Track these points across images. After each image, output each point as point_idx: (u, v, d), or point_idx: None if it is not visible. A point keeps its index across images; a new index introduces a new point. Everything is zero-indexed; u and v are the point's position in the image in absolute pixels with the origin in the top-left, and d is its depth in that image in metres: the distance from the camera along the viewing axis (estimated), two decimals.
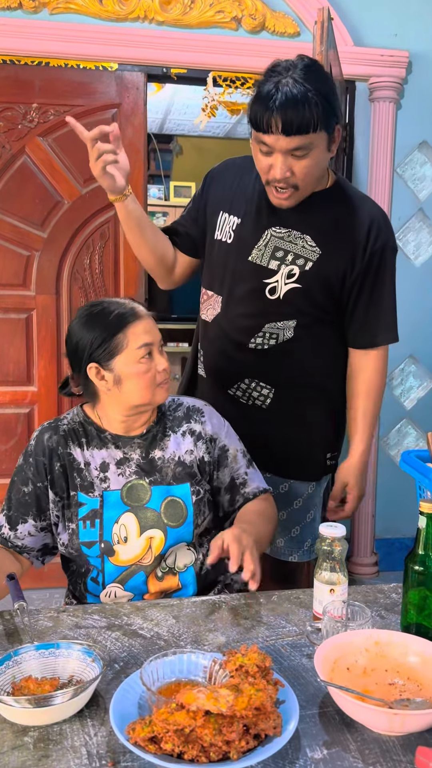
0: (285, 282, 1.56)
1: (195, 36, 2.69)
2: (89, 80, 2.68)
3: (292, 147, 1.39)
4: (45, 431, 1.36)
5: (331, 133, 1.44)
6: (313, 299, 1.57)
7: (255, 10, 2.71)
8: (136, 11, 2.64)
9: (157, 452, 1.37)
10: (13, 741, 0.88)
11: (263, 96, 1.37)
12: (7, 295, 2.73)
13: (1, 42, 2.56)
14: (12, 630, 1.15)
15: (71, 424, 1.37)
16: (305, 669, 1.05)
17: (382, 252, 1.57)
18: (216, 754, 0.82)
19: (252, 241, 1.57)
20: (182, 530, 1.35)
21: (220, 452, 1.43)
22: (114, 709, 0.89)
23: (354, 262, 1.55)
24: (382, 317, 1.61)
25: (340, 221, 1.56)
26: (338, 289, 1.58)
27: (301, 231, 1.55)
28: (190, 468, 1.38)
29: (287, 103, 1.34)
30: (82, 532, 1.32)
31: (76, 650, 1.01)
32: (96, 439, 1.36)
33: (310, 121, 1.36)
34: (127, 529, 1.32)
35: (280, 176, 1.43)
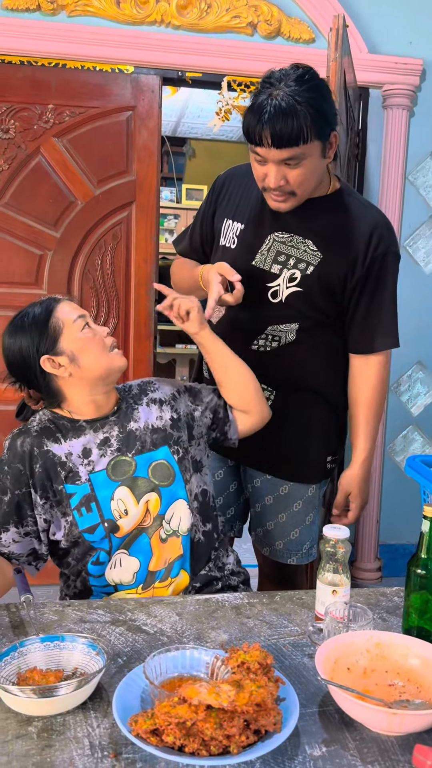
0: (287, 285, 1.58)
1: (211, 40, 2.71)
2: (105, 82, 2.70)
3: (284, 158, 1.42)
4: (16, 437, 1.37)
5: (326, 141, 1.46)
6: (315, 303, 1.59)
7: (271, 15, 2.73)
8: (153, 15, 2.66)
9: (132, 424, 1.41)
10: (17, 730, 0.89)
11: (255, 108, 1.39)
12: (19, 294, 2.76)
13: (19, 43, 2.59)
14: (18, 622, 1.16)
15: (41, 424, 1.38)
16: (306, 668, 1.06)
17: (384, 257, 1.58)
18: (216, 748, 0.83)
19: (255, 246, 1.60)
20: (174, 488, 1.39)
21: (188, 393, 1.52)
22: (117, 702, 0.90)
23: (355, 267, 1.57)
24: (382, 322, 1.62)
25: (341, 226, 1.58)
26: (339, 293, 1.59)
27: (302, 236, 1.57)
28: (164, 431, 1.43)
29: (276, 116, 1.36)
30: (79, 521, 1.33)
31: (80, 643, 1.03)
32: (71, 430, 1.38)
33: (299, 133, 1.38)
34: (124, 502, 1.35)
35: (274, 185, 1.46)
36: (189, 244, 1.80)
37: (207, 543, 1.44)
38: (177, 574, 1.38)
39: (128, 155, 2.75)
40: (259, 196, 1.59)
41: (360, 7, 2.79)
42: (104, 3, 2.63)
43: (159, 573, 1.36)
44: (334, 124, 1.47)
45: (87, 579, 1.36)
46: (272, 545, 1.73)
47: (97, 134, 2.72)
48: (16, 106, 2.66)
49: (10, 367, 1.39)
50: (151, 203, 2.80)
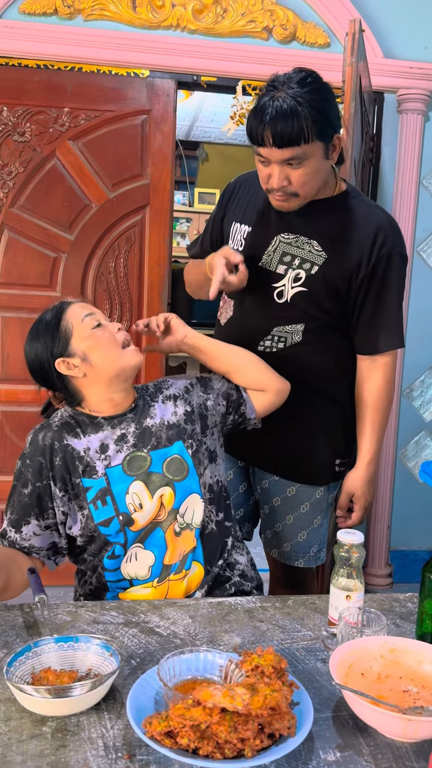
0: (292, 286, 1.60)
1: (226, 45, 2.72)
2: (120, 86, 2.72)
3: (286, 158, 1.44)
4: (38, 432, 1.40)
5: (328, 142, 1.48)
6: (320, 303, 1.60)
7: (286, 20, 2.74)
8: (169, 19, 2.68)
9: (149, 420, 1.43)
10: (32, 730, 0.90)
11: (258, 110, 1.42)
12: (33, 296, 2.77)
13: (35, 47, 2.61)
14: (32, 622, 1.17)
15: (62, 419, 1.42)
16: (320, 673, 1.06)
17: (389, 258, 1.58)
18: (231, 751, 0.83)
19: (262, 248, 1.62)
20: (188, 482, 1.39)
21: (200, 383, 1.52)
22: (131, 703, 0.91)
23: (360, 267, 1.57)
24: (387, 323, 1.62)
25: (346, 227, 1.59)
26: (344, 293, 1.60)
27: (308, 236, 1.59)
28: (179, 426, 1.44)
29: (277, 117, 1.39)
30: (95, 513, 1.34)
31: (94, 644, 1.03)
32: (90, 425, 1.40)
33: (300, 133, 1.40)
34: (139, 496, 1.36)
35: (277, 185, 1.48)
36: (200, 249, 1.83)
37: (219, 533, 1.44)
38: (190, 566, 1.39)
39: (143, 159, 2.77)
40: (265, 198, 1.60)
41: (376, 12, 2.79)
42: (120, 7, 2.64)
43: (174, 566, 1.37)
44: (338, 126, 1.50)
45: (102, 575, 1.37)
46: (280, 547, 1.73)
47: (112, 138, 2.73)
48: (32, 109, 2.68)
49: (32, 372, 1.44)
50: (164, 207, 2.81)
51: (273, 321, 1.63)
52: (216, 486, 1.46)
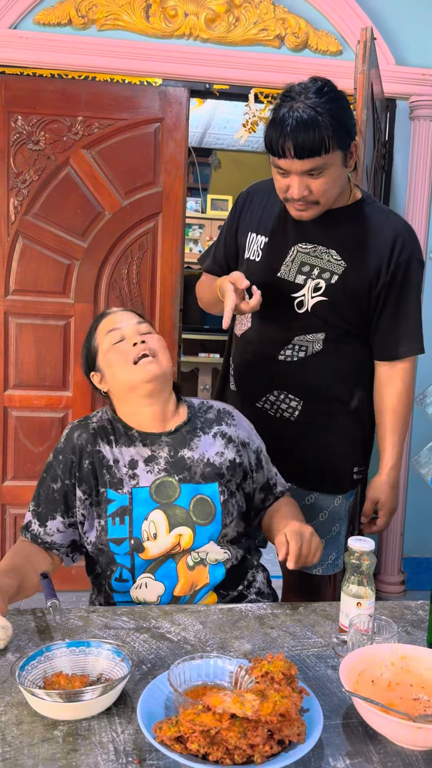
0: (312, 295, 1.60)
1: (238, 53, 2.74)
2: (133, 95, 2.74)
3: (307, 169, 1.44)
4: (75, 429, 1.41)
5: (347, 150, 1.48)
6: (341, 312, 1.60)
7: (298, 28, 2.75)
8: (182, 28, 2.70)
9: (186, 452, 1.39)
10: (43, 734, 0.90)
11: (277, 121, 1.42)
12: (47, 302, 2.80)
13: (50, 57, 2.64)
14: (44, 627, 1.18)
15: (100, 422, 1.42)
16: (330, 680, 1.06)
17: (408, 264, 1.59)
18: (240, 757, 0.83)
19: (280, 258, 1.62)
20: (211, 528, 1.36)
21: (256, 455, 1.48)
22: (141, 708, 0.91)
23: (379, 275, 1.58)
24: (408, 328, 1.63)
25: (364, 234, 1.59)
26: (365, 301, 1.60)
27: (326, 246, 1.59)
28: (219, 469, 1.40)
29: (298, 128, 1.39)
30: (111, 528, 1.33)
31: (106, 649, 1.04)
32: (124, 436, 1.39)
33: (321, 144, 1.40)
34: (156, 525, 1.34)
35: (298, 196, 1.48)
36: (213, 261, 1.81)
37: (239, 568, 1.42)
38: (202, 598, 1.36)
39: (155, 167, 2.79)
40: (282, 208, 1.60)
41: (387, 19, 2.80)
42: (134, 17, 2.67)
43: (183, 598, 1.35)
44: (354, 133, 1.50)
45: (111, 595, 1.37)
46: None
47: (125, 146, 2.76)
48: (46, 118, 2.71)
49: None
50: (177, 214, 2.83)
51: (294, 331, 1.63)
52: (239, 537, 1.43)
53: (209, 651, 1.12)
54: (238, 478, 1.44)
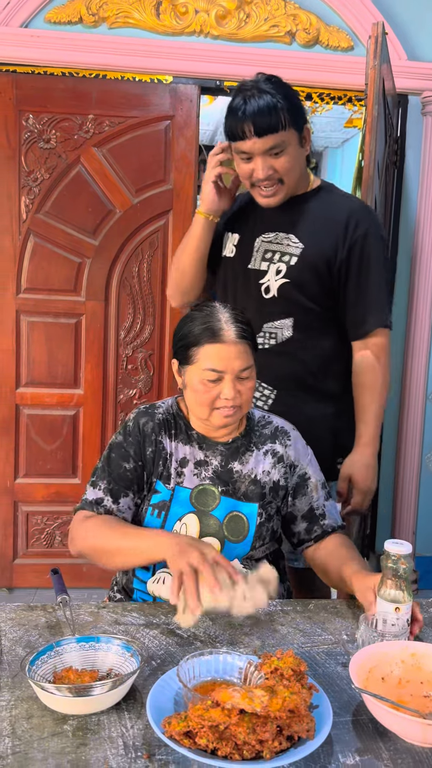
0: (275, 279, 1.66)
1: (249, 50, 2.73)
2: (144, 92, 2.74)
3: (268, 147, 1.56)
4: (142, 416, 1.40)
5: (301, 132, 1.61)
6: (305, 291, 1.66)
7: (309, 24, 2.74)
8: (192, 25, 2.70)
9: (236, 465, 1.39)
10: (53, 728, 0.91)
11: (234, 108, 1.56)
12: (58, 301, 2.81)
13: (61, 55, 2.65)
14: (54, 622, 1.18)
15: (165, 414, 1.41)
16: (340, 677, 1.06)
17: (364, 239, 1.65)
18: (249, 753, 0.83)
19: (249, 251, 1.71)
20: (240, 547, 1.36)
21: (299, 480, 1.43)
22: (151, 703, 0.91)
23: (336, 251, 1.65)
24: (372, 301, 1.67)
25: (321, 216, 1.68)
26: (327, 279, 1.66)
27: (285, 232, 1.68)
28: (263, 488, 1.39)
29: (255, 109, 1.53)
30: (148, 517, 1.35)
31: (115, 645, 1.04)
32: (184, 434, 1.40)
33: (277, 120, 1.54)
34: (188, 529, 1.35)
35: (263, 175, 1.59)
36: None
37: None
38: None
39: (166, 164, 2.79)
40: (249, 206, 1.72)
41: (399, 14, 2.78)
42: (144, 14, 2.67)
43: None
44: (305, 119, 1.64)
45: (132, 579, 1.38)
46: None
47: (135, 144, 2.76)
48: (57, 116, 2.71)
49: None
50: (187, 212, 2.82)
51: (263, 317, 1.67)
52: (267, 557, 1.42)
53: (219, 647, 1.12)
54: (279, 500, 1.42)
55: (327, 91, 2.82)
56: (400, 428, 3.03)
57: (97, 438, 2.90)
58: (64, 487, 2.90)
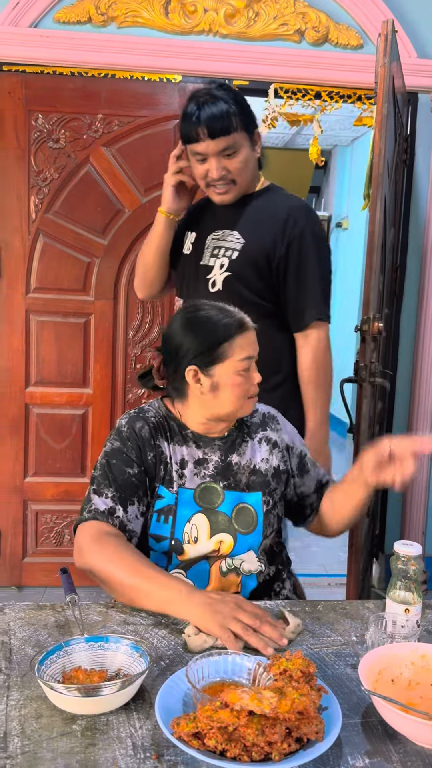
0: (219, 273, 1.77)
1: (258, 48, 2.72)
2: (153, 92, 2.74)
3: (221, 148, 1.67)
4: (135, 420, 1.36)
5: (252, 136, 1.73)
6: (247, 284, 1.75)
7: (318, 22, 2.73)
8: (201, 24, 2.69)
9: (235, 457, 1.40)
10: (62, 728, 0.91)
11: (188, 114, 1.67)
12: (67, 300, 2.82)
13: (70, 55, 2.65)
14: (63, 622, 1.19)
15: (156, 417, 1.39)
16: (349, 678, 1.05)
17: (302, 235, 1.75)
18: (258, 754, 0.83)
19: (202, 248, 1.83)
20: (252, 538, 1.36)
21: (299, 459, 1.48)
22: (159, 704, 0.91)
23: (275, 246, 1.74)
24: (309, 296, 1.77)
25: (262, 213, 1.78)
26: (267, 273, 1.75)
27: (231, 228, 1.79)
28: (264, 476, 1.40)
29: (208, 112, 1.64)
30: (154, 524, 1.33)
31: (124, 645, 1.04)
32: (178, 435, 1.38)
33: (230, 123, 1.65)
34: (198, 529, 1.34)
35: (217, 175, 1.70)
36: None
37: (271, 581, 1.43)
38: None
39: None
40: (204, 207, 1.83)
41: (409, 12, 2.76)
42: (153, 14, 2.67)
43: None
44: (256, 123, 1.75)
45: None
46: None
47: (144, 143, 2.76)
48: (66, 116, 2.72)
49: (165, 345, 1.38)
50: None
51: None
52: (275, 550, 1.45)
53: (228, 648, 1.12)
54: (282, 486, 1.44)
55: (336, 89, 2.81)
56: (410, 430, 3.02)
57: (106, 437, 2.90)
58: (74, 486, 2.91)
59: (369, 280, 2.11)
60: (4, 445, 2.88)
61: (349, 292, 5.64)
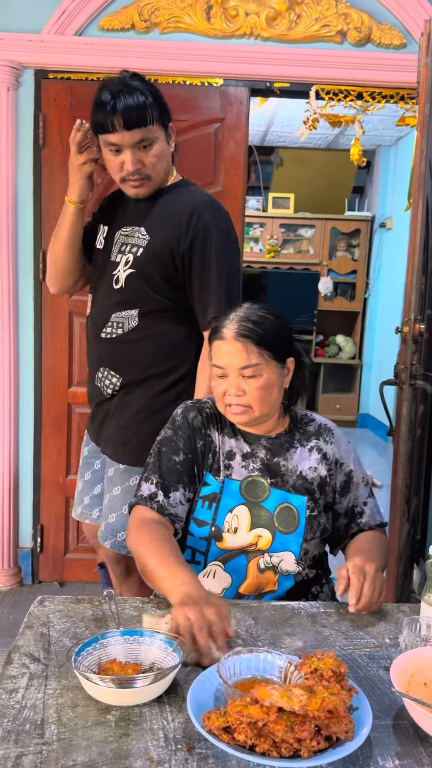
0: (123, 270, 1.75)
1: (299, 50, 2.73)
2: (194, 96, 2.77)
3: (136, 140, 1.64)
4: (190, 410, 1.44)
5: (167, 129, 1.71)
6: (150, 282, 1.73)
7: (361, 23, 2.72)
8: (243, 28, 2.71)
9: (281, 460, 1.41)
10: (96, 717, 0.93)
11: (102, 103, 1.62)
12: None
13: (114, 61, 2.69)
14: (100, 615, 1.21)
15: (212, 408, 1.44)
16: (381, 681, 1.05)
17: (206, 232, 1.71)
18: (287, 751, 0.84)
19: (111, 244, 1.81)
20: (291, 538, 1.37)
21: (346, 478, 1.45)
22: (191, 698, 0.93)
23: (179, 241, 1.71)
24: (212, 297, 1.73)
25: (167, 208, 1.75)
26: (171, 269, 1.73)
27: (138, 225, 1.76)
28: (311, 484, 1.41)
29: (124, 103, 1.60)
30: (198, 509, 1.38)
31: (158, 639, 1.06)
32: (228, 427, 1.43)
33: (145, 114, 1.62)
34: (239, 520, 1.37)
35: (132, 168, 1.66)
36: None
37: (308, 583, 1.43)
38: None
39: (215, 166, 2.81)
40: (117, 200, 1.81)
41: None
42: (195, 19, 2.70)
43: (248, 597, 1.37)
44: (170, 117, 1.72)
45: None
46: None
47: (185, 147, 2.79)
48: None
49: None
50: (236, 213, 2.84)
51: (112, 308, 1.77)
52: (318, 558, 1.44)
53: (260, 647, 1.13)
54: (328, 497, 1.43)
55: (378, 89, 2.79)
56: None
57: None
58: None
59: (410, 281, 2.09)
60: (47, 444, 2.94)
61: (393, 293, 5.58)
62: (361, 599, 1.21)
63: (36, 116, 2.76)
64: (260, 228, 6.27)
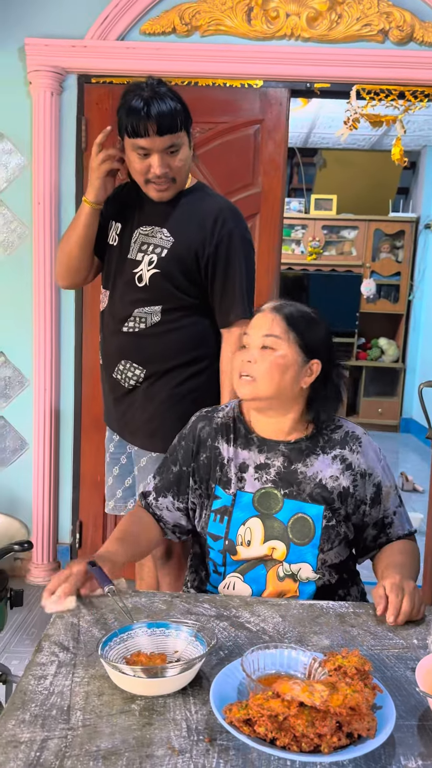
0: (147, 269, 1.79)
1: (340, 50, 2.72)
2: (234, 98, 2.79)
3: (166, 145, 1.69)
4: (200, 420, 1.46)
5: (189, 135, 1.76)
6: (174, 282, 1.79)
7: (403, 21, 2.69)
8: (283, 29, 2.71)
9: (300, 466, 1.37)
10: (121, 706, 0.95)
11: (135, 109, 1.66)
12: None
13: (155, 65, 2.73)
14: (129, 608, 1.23)
15: (225, 418, 1.44)
16: (408, 681, 1.04)
17: (230, 237, 1.79)
18: (307, 746, 0.84)
19: (129, 241, 1.84)
20: (306, 550, 1.34)
21: (376, 489, 1.40)
22: (214, 690, 0.94)
23: (204, 245, 1.78)
24: (235, 296, 1.81)
25: (191, 212, 1.81)
26: (195, 272, 1.80)
27: (160, 226, 1.81)
28: (330, 493, 1.36)
29: (158, 108, 1.65)
30: (211, 524, 1.39)
31: (184, 632, 1.08)
32: (243, 438, 1.41)
33: (176, 121, 1.68)
34: (252, 533, 1.36)
35: (161, 172, 1.71)
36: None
37: (332, 587, 1.40)
38: None
39: (254, 168, 2.82)
40: (133, 198, 1.84)
41: None
42: (236, 21, 2.71)
43: None
44: (192, 121, 1.76)
45: (205, 582, 1.43)
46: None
47: (225, 148, 2.81)
48: None
49: None
50: (275, 215, 2.84)
51: (135, 304, 1.82)
52: (342, 563, 1.40)
53: (287, 643, 1.13)
54: (349, 508, 1.38)
55: (421, 88, 2.76)
56: None
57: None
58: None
59: None
60: (88, 443, 2.99)
61: None
62: (400, 616, 1.18)
63: (78, 120, 2.82)
64: (302, 230, 6.24)
